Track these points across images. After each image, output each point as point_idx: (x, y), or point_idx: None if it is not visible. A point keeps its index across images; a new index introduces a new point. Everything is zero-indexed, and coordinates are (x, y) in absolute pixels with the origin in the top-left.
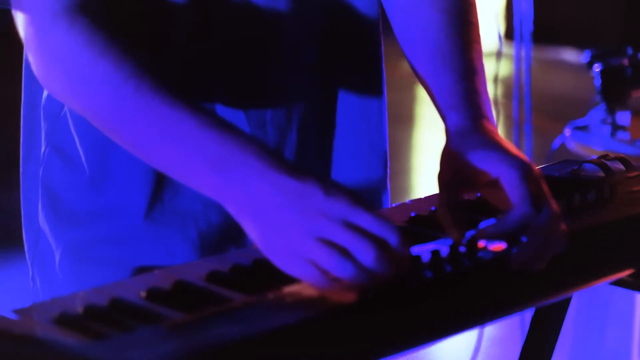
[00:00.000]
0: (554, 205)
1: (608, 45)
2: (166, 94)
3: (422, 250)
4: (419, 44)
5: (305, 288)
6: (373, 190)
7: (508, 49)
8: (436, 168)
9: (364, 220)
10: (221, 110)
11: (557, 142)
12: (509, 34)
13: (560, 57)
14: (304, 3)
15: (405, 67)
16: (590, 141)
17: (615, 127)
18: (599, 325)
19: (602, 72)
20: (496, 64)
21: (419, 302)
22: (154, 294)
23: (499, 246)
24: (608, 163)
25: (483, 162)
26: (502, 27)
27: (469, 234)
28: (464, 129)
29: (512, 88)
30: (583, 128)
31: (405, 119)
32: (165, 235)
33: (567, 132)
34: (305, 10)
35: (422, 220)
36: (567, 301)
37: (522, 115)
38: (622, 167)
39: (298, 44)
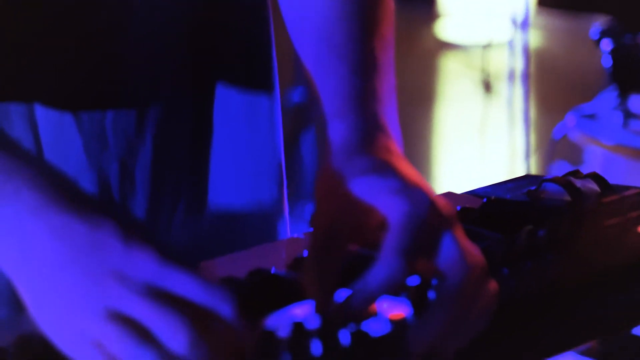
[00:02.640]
0: (475, 256)
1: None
2: None
3: (282, 322)
4: (304, 26)
5: None
6: (264, 217)
7: (539, 19)
8: (457, 152)
9: (180, 284)
10: (42, 112)
11: (558, 133)
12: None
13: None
14: None
15: (425, 42)
16: (597, 132)
17: (628, 115)
18: None
19: (612, 50)
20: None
21: None
22: None
23: (398, 313)
24: (577, 182)
25: (369, 194)
26: None
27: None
28: (349, 145)
29: (544, 61)
30: (590, 116)
31: (424, 98)
32: None
33: (571, 120)
34: None
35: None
36: None
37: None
38: (596, 187)
39: (155, 25)
